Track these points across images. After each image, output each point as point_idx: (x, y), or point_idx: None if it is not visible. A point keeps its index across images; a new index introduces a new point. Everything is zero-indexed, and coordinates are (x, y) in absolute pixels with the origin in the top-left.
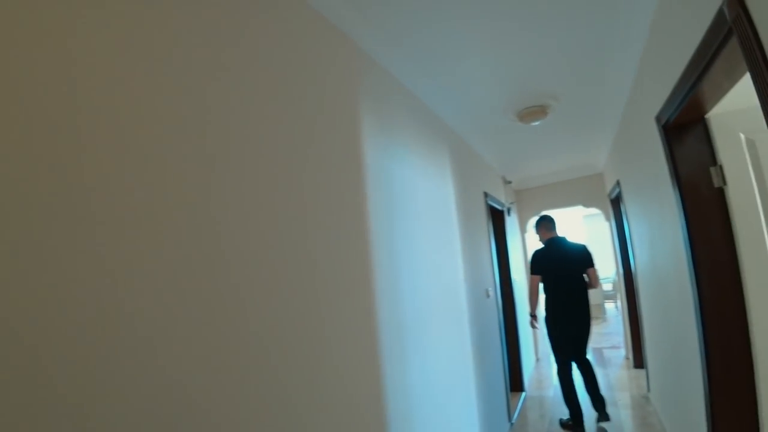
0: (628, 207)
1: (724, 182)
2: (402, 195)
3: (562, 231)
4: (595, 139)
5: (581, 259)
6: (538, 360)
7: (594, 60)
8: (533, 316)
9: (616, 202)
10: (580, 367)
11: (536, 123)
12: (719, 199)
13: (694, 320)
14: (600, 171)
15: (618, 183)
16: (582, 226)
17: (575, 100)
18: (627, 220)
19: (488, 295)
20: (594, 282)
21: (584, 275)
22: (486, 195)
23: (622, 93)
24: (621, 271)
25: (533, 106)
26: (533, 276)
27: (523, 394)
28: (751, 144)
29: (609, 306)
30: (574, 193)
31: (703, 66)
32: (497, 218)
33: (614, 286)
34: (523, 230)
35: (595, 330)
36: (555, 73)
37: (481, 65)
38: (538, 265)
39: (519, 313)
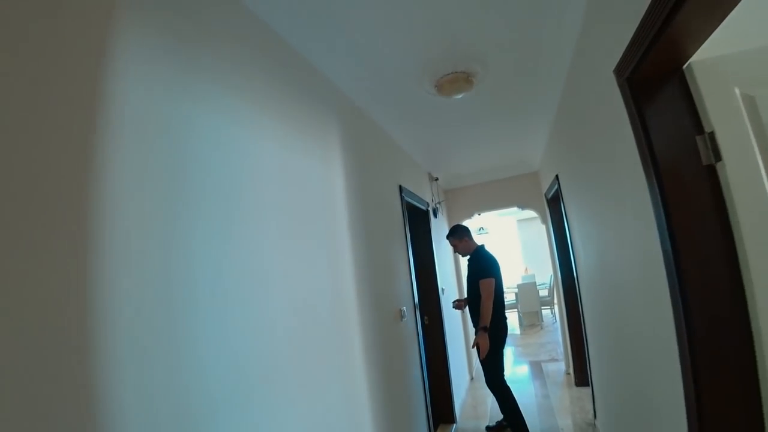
0: (569, 205)
1: (718, 157)
2: (222, 171)
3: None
4: (532, 124)
5: None
6: (472, 379)
7: (529, 11)
8: (485, 329)
9: (555, 202)
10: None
11: (459, 96)
12: (711, 180)
13: (675, 344)
14: (536, 169)
15: (557, 179)
16: (516, 230)
17: (507, 68)
18: (567, 220)
19: (402, 316)
20: None
21: None
22: (402, 189)
23: (563, 54)
24: (559, 276)
25: (454, 72)
26: (490, 279)
27: (454, 426)
28: (751, 102)
29: (545, 311)
30: (509, 194)
31: None
32: (420, 219)
33: (549, 292)
34: None
35: (533, 340)
36: (481, 27)
37: (373, 4)
38: (494, 268)
39: (448, 328)
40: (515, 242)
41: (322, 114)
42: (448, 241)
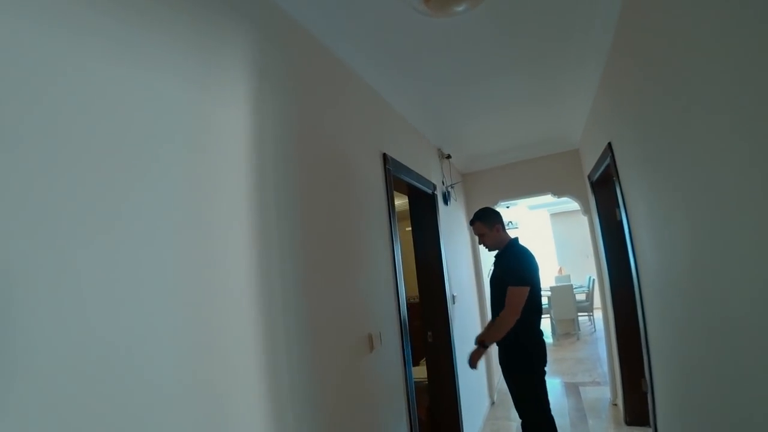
0: (630, 183)
1: None
2: None
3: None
4: (572, 70)
5: None
6: (493, 404)
7: None
8: (484, 346)
9: (604, 184)
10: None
11: (460, 8)
12: None
13: None
14: (575, 147)
15: (609, 149)
16: (549, 225)
17: None
18: (624, 204)
19: (374, 346)
20: None
21: None
22: (387, 160)
23: None
24: (606, 279)
25: None
26: (523, 289)
27: None
28: None
29: (582, 318)
30: (541, 178)
31: None
32: (424, 206)
33: (588, 296)
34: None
35: (568, 353)
36: None
37: None
38: (531, 273)
39: (460, 345)
40: (548, 239)
41: (215, 13)
42: (471, 228)
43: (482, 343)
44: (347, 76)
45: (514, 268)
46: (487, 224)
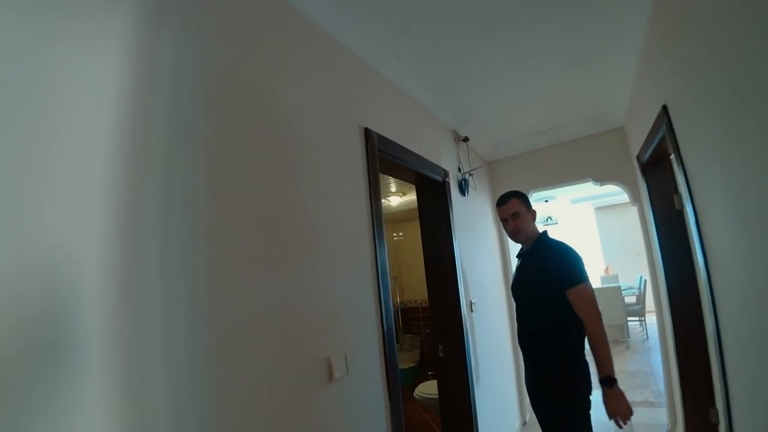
0: (697, 155)
1: None
2: None
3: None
4: (615, 18)
5: None
6: (525, 424)
7: None
8: (613, 381)
9: (656, 164)
10: None
11: None
12: None
13: None
14: (618, 125)
15: (665, 114)
16: (593, 220)
17: None
18: (688, 183)
19: (335, 375)
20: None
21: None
22: (369, 135)
23: None
24: (662, 278)
25: None
26: (585, 284)
27: None
28: None
29: (632, 324)
30: (580, 163)
31: None
32: (432, 195)
33: (638, 299)
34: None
35: (616, 365)
36: None
37: None
38: (583, 266)
39: (483, 360)
40: (593, 235)
41: None
42: (500, 210)
43: (609, 381)
44: (300, 24)
45: (564, 263)
46: (525, 203)
